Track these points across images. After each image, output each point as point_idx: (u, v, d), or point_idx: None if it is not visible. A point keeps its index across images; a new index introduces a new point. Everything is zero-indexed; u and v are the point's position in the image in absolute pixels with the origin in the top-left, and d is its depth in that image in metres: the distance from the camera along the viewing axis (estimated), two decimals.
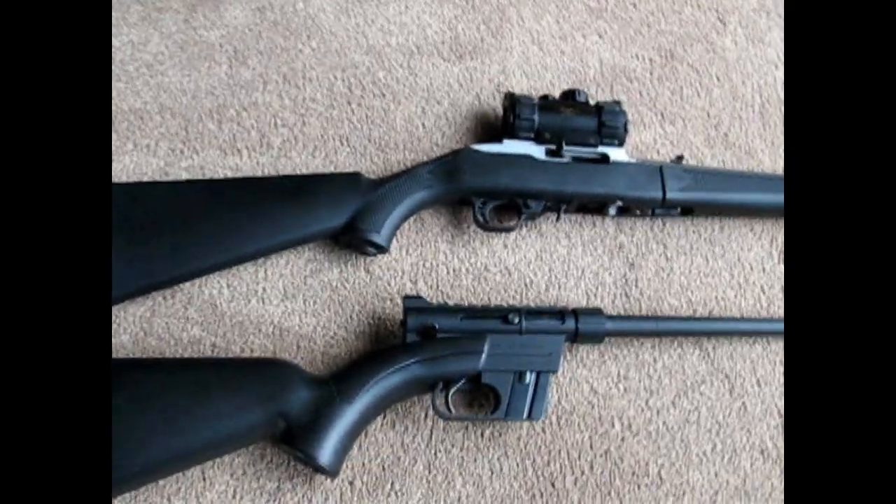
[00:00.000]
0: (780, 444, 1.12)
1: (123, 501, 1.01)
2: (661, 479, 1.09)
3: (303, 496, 1.03)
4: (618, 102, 1.20)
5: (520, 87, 1.32)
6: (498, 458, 1.07)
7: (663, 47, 1.39)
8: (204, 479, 1.03)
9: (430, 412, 1.08)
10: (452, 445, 1.08)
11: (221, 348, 1.11)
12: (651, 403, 1.13)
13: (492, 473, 1.07)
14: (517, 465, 1.07)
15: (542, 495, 1.06)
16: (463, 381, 1.05)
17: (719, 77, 1.38)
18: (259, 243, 1.10)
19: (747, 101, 1.37)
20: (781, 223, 1.28)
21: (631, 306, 1.19)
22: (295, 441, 0.96)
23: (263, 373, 1.01)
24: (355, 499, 1.04)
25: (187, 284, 1.13)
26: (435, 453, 1.07)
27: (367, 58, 1.31)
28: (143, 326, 1.11)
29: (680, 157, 1.23)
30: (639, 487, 1.08)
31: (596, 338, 1.09)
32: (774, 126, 1.35)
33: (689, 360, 1.16)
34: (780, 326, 1.16)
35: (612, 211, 1.20)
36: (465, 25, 1.37)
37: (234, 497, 1.02)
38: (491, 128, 1.28)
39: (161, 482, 1.02)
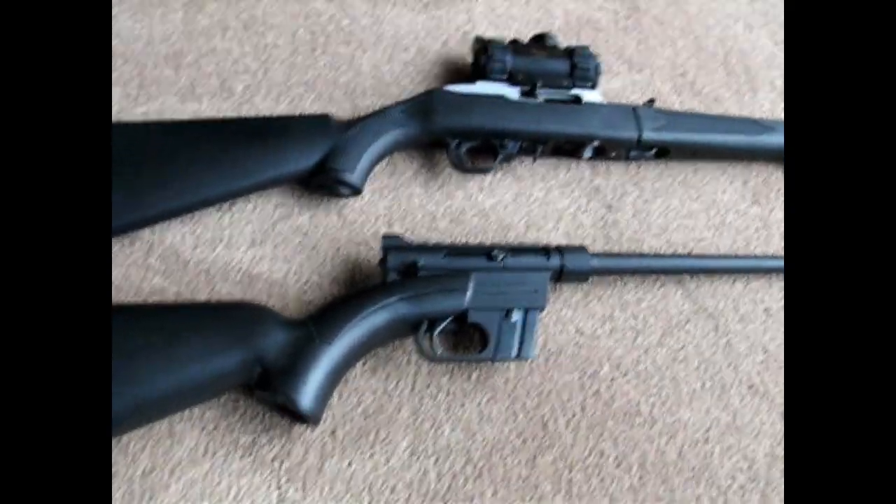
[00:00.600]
0: (767, 379, 1.09)
1: None
2: (653, 417, 1.04)
3: (281, 449, 0.95)
4: (587, 47, 1.18)
5: (487, 35, 1.26)
6: (486, 402, 1.01)
7: None
8: (171, 436, 0.93)
9: (414, 358, 1.01)
10: (438, 391, 1.01)
11: (186, 297, 1.02)
12: (638, 343, 1.08)
13: (481, 418, 1.00)
14: (506, 408, 1.01)
15: (534, 438, 1.00)
16: (448, 321, 0.99)
17: (682, 29, 1.37)
18: (223, 186, 1.03)
19: (711, 51, 1.36)
20: (752, 166, 1.26)
21: (611, 247, 1.15)
22: (273, 385, 0.88)
23: (236, 315, 0.93)
24: (338, 449, 0.96)
25: (146, 232, 1.04)
26: (420, 399, 1.00)
27: (329, 5, 1.25)
28: None
29: (652, 101, 1.20)
30: (632, 427, 1.03)
31: (581, 275, 1.05)
32: (738, 75, 1.34)
33: (673, 299, 1.12)
34: (760, 264, 1.14)
35: (588, 153, 1.17)
36: None
37: (205, 453, 0.93)
38: (460, 74, 1.23)
39: (125, 439, 0.92)
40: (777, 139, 1.21)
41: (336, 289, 1.05)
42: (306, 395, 0.88)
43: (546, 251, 1.03)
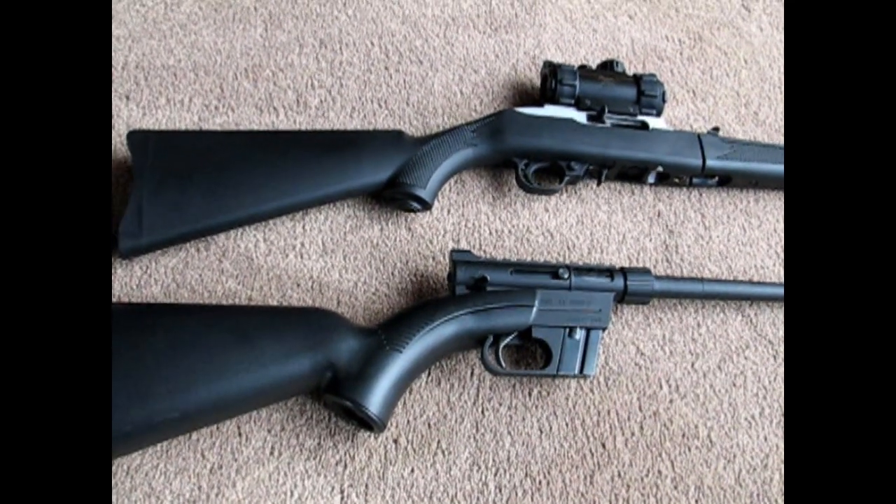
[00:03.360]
0: None
1: (155, 453, 0.92)
2: (710, 441, 1.03)
3: (345, 453, 0.95)
4: (654, 75, 1.18)
5: (555, 60, 1.28)
6: (547, 418, 1.01)
7: (691, 30, 1.37)
8: (240, 435, 0.94)
9: (477, 370, 1.02)
10: (500, 404, 1.01)
11: (258, 301, 1.03)
12: (697, 366, 1.08)
13: (541, 433, 1.00)
14: (566, 424, 1.01)
15: (592, 455, 1.00)
16: (513, 336, 0.99)
17: (746, 60, 1.37)
18: (298, 196, 1.04)
19: (774, 83, 1.35)
20: None
21: (672, 271, 1.14)
22: (343, 390, 0.89)
23: (310, 320, 0.93)
24: (400, 457, 0.96)
25: (221, 237, 1.06)
26: (482, 412, 1.00)
27: (403, 27, 1.26)
28: (175, 278, 1.03)
29: (716, 129, 1.19)
30: (689, 450, 1.02)
31: (643, 297, 1.04)
32: None
33: (732, 325, 1.11)
34: None
35: (652, 178, 1.17)
36: (499, 0, 1.34)
37: (271, 453, 0.94)
38: (528, 97, 1.23)
39: (194, 436, 0.93)
40: None
41: (403, 300, 1.06)
42: (375, 401, 0.89)
43: (610, 272, 1.03)
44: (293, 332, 0.91)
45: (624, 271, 1.03)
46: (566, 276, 1.00)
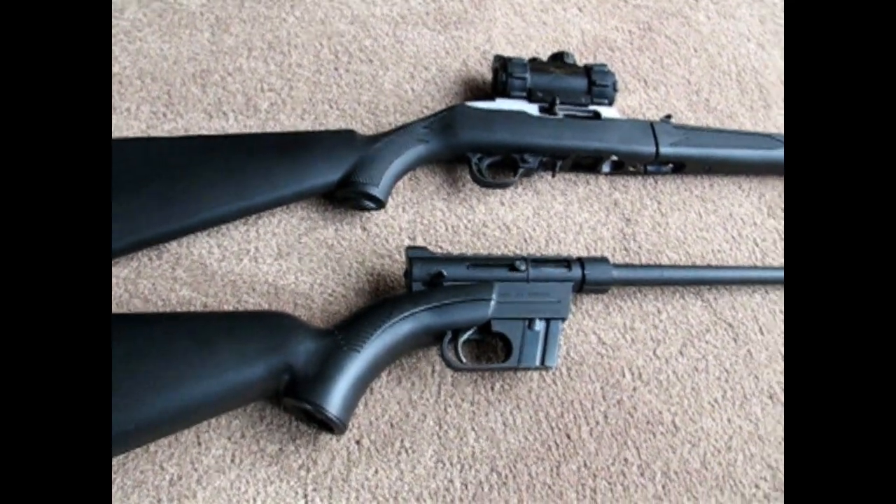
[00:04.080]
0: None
1: (113, 468, 0.89)
2: (675, 426, 1.02)
3: (307, 457, 0.93)
4: (604, 65, 1.17)
5: (506, 54, 1.26)
6: (510, 411, 0.99)
7: (641, 20, 1.37)
8: (199, 444, 0.92)
9: (438, 367, 1.00)
10: (462, 400, 0.99)
11: (214, 308, 1.01)
12: (659, 353, 1.07)
13: (505, 427, 0.99)
14: (530, 417, 1.00)
15: (557, 447, 0.98)
16: (472, 331, 0.97)
17: (696, 48, 1.36)
18: (250, 200, 1.01)
19: (724, 69, 1.35)
20: (768, 180, 1.25)
21: (631, 259, 1.13)
22: (301, 392, 0.87)
23: (266, 324, 0.91)
24: (363, 458, 0.94)
25: (174, 244, 1.03)
26: (445, 408, 0.98)
27: (351, 27, 1.24)
28: (127, 287, 1.00)
29: (668, 117, 1.19)
30: (654, 436, 1.01)
31: (602, 286, 1.03)
32: (751, 92, 1.34)
33: (693, 310, 1.11)
34: (780, 275, 1.12)
35: (606, 168, 1.16)
36: None
37: (232, 461, 0.91)
38: (480, 92, 1.22)
39: (153, 447, 0.90)
40: None
41: (361, 300, 1.04)
42: (334, 402, 0.87)
43: (568, 262, 1.02)
44: (248, 337, 0.89)
45: (581, 261, 1.02)
46: (523, 268, 0.99)
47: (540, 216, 1.14)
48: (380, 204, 1.06)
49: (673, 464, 1.00)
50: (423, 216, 1.11)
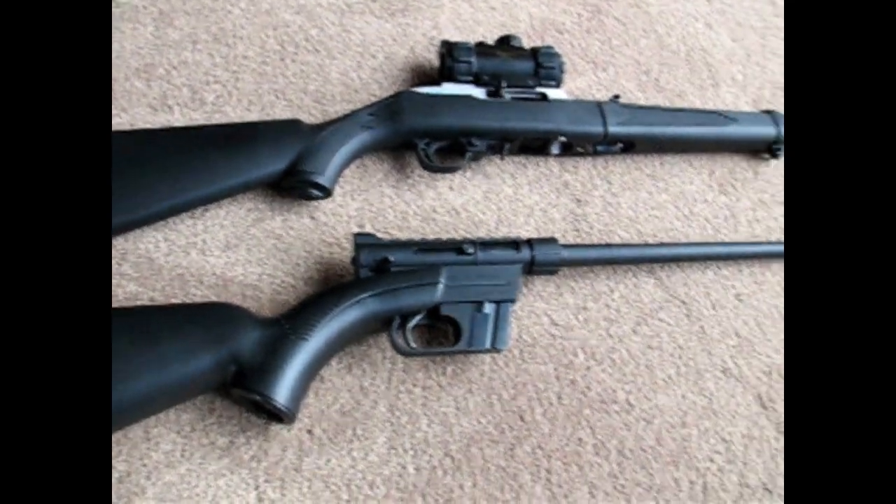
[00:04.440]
0: (741, 362, 1.08)
1: None
2: (629, 404, 1.02)
3: (258, 448, 0.92)
4: (551, 47, 1.17)
5: (453, 39, 1.25)
6: (463, 395, 0.99)
7: (589, 2, 1.35)
8: (148, 439, 0.90)
9: (389, 354, 0.99)
10: (414, 385, 0.98)
11: (161, 302, 0.99)
12: (612, 332, 1.06)
13: (458, 411, 0.98)
14: (483, 400, 0.99)
15: (511, 429, 0.98)
16: (421, 315, 0.96)
17: (645, 29, 1.36)
18: (196, 192, 1.00)
19: (673, 49, 1.35)
20: (718, 157, 1.25)
21: (582, 240, 1.13)
22: (248, 383, 0.86)
23: (211, 315, 0.90)
24: (315, 447, 0.93)
25: (120, 239, 1.01)
26: (397, 395, 0.97)
27: (298, 17, 1.23)
28: None
29: (616, 97, 1.19)
30: (609, 414, 1.01)
31: (552, 267, 1.03)
32: (700, 71, 1.33)
33: (645, 288, 1.11)
34: (730, 250, 1.13)
35: (555, 149, 1.15)
36: None
37: (182, 455, 0.90)
38: (427, 78, 1.20)
39: None
40: (739, 130, 1.21)
41: (310, 289, 1.02)
42: (282, 392, 0.86)
43: (516, 244, 1.01)
44: (193, 329, 0.87)
45: (530, 242, 1.02)
46: (471, 251, 0.98)
47: (490, 199, 1.13)
48: (326, 192, 1.05)
49: (628, 441, 1.00)
50: (372, 203, 1.10)
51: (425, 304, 0.96)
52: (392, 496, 0.92)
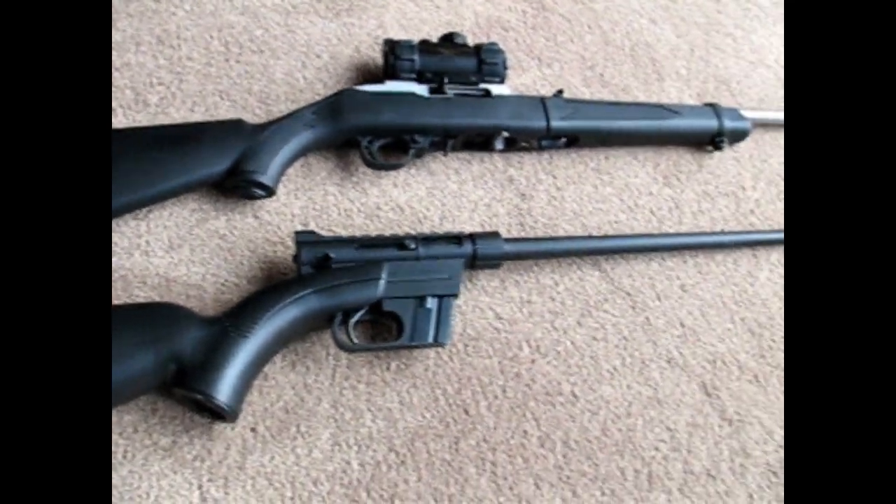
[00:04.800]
0: (685, 352, 1.08)
1: None
2: (574, 396, 1.02)
3: (202, 448, 0.91)
4: (495, 44, 1.17)
5: (398, 38, 1.25)
6: (407, 390, 0.99)
7: (533, 0, 1.37)
8: None
9: (333, 351, 0.99)
10: (358, 381, 0.98)
11: None
12: (557, 325, 1.07)
13: (402, 406, 0.98)
14: (427, 395, 0.99)
15: (456, 423, 0.98)
16: (363, 311, 0.97)
17: (590, 25, 1.37)
18: (137, 193, 0.99)
19: (618, 45, 1.36)
20: (663, 150, 1.26)
21: (526, 234, 1.13)
22: (189, 381, 0.85)
23: (150, 315, 0.89)
24: (259, 445, 0.93)
25: None
26: (341, 391, 0.97)
27: (242, 18, 1.22)
28: None
29: (560, 92, 1.19)
30: (554, 406, 1.01)
31: (495, 261, 1.03)
32: (645, 66, 1.34)
33: (590, 281, 1.11)
34: (674, 241, 1.14)
35: (499, 144, 1.15)
36: None
37: (124, 457, 0.89)
38: (372, 77, 1.20)
39: None
40: (682, 123, 1.22)
41: (254, 288, 1.01)
42: (223, 390, 0.85)
43: (458, 239, 1.01)
44: (132, 329, 0.87)
45: (473, 237, 1.02)
46: (413, 246, 0.98)
47: (434, 196, 1.13)
48: (269, 191, 1.05)
49: (573, 433, 1.00)
50: (316, 202, 1.09)
51: (367, 299, 0.96)
52: (336, 492, 0.92)
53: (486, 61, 1.15)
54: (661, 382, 1.05)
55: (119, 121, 1.11)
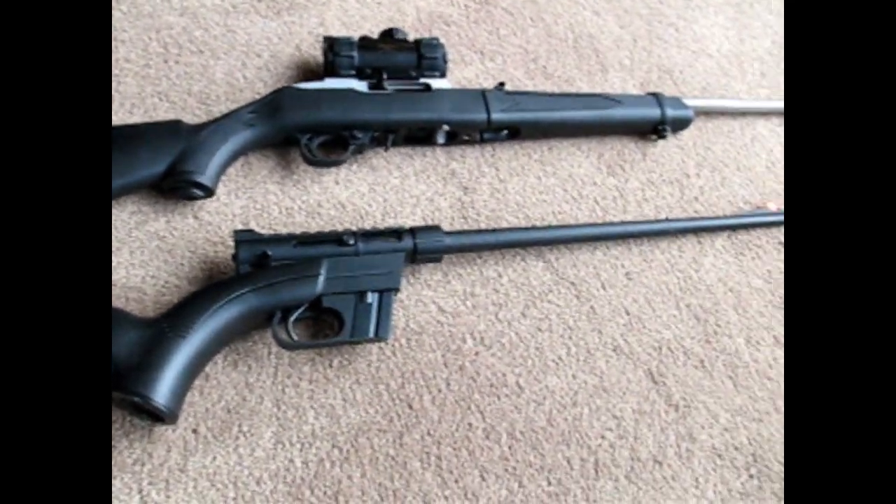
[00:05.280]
0: (631, 339, 1.08)
1: None
2: (519, 387, 1.02)
3: (142, 451, 0.90)
4: (435, 38, 1.17)
5: (339, 35, 1.24)
6: (350, 387, 0.98)
7: None
8: None
9: (275, 349, 0.98)
10: (301, 379, 0.97)
11: None
12: (501, 316, 1.06)
13: (345, 402, 0.97)
14: (371, 391, 0.98)
15: (399, 417, 0.97)
16: (303, 308, 0.96)
17: (532, 18, 1.37)
18: None
19: (561, 37, 1.36)
20: (607, 140, 1.26)
21: (469, 227, 1.12)
22: (126, 384, 0.83)
23: None
24: (200, 446, 0.91)
25: None
26: (283, 389, 0.96)
27: (181, 18, 1.21)
28: None
29: (502, 84, 1.19)
30: (499, 398, 1.01)
31: (436, 254, 1.03)
32: (588, 57, 1.34)
33: (534, 271, 1.11)
34: (618, 230, 1.13)
35: (441, 138, 1.15)
36: None
37: None
38: (313, 75, 1.19)
39: None
40: (624, 112, 1.22)
41: (195, 289, 1.01)
42: (161, 392, 0.84)
43: (398, 233, 1.01)
44: None
45: (413, 231, 1.02)
46: (352, 242, 0.98)
47: (376, 191, 1.13)
48: (208, 192, 1.04)
49: (518, 424, 1.00)
50: (257, 201, 1.09)
51: (306, 296, 0.95)
52: (279, 491, 0.91)
53: (425, 56, 1.14)
54: (607, 371, 1.05)
55: None
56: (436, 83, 1.15)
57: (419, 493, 0.93)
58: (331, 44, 1.13)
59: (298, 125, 1.08)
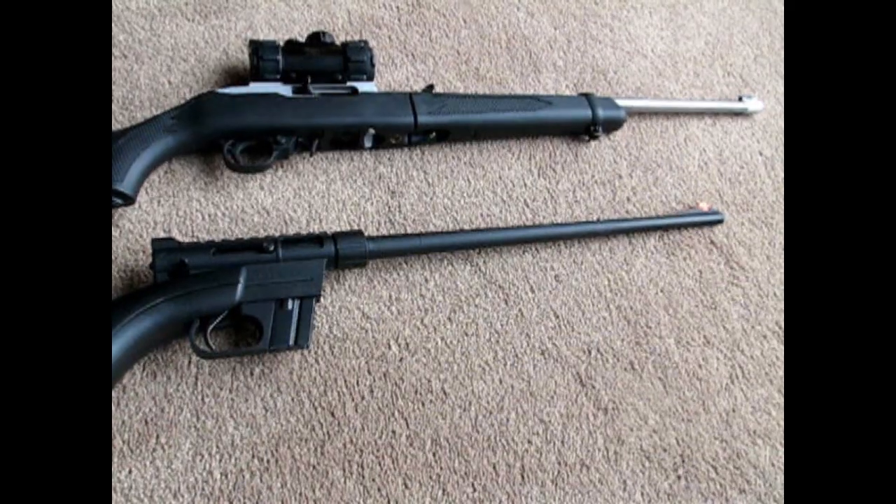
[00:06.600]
0: (559, 343, 1.07)
1: None
2: (445, 393, 1.01)
3: None
4: (363, 41, 1.15)
5: (268, 39, 1.22)
6: (271, 395, 0.96)
7: None
8: None
9: (195, 359, 0.96)
10: (221, 388, 0.96)
11: None
12: (426, 322, 1.05)
13: (266, 411, 0.95)
14: (292, 399, 0.96)
15: (321, 426, 0.96)
16: (221, 317, 0.94)
17: (465, 19, 1.35)
18: None
19: (494, 38, 1.35)
20: (538, 141, 1.25)
21: (396, 231, 1.11)
22: None
23: None
24: (116, 460, 0.89)
25: None
26: (202, 399, 0.95)
27: None
28: None
29: (430, 87, 1.18)
30: (423, 405, 0.99)
31: (359, 259, 1.01)
32: (522, 58, 1.33)
33: (461, 276, 1.10)
34: (546, 232, 1.12)
35: (368, 142, 1.13)
36: None
37: None
38: (240, 79, 1.17)
39: None
40: (555, 113, 1.21)
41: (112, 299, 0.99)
42: None
43: (320, 239, 0.99)
44: None
45: (335, 236, 1.00)
46: (272, 248, 0.96)
47: (301, 197, 1.11)
48: (128, 199, 1.01)
49: (443, 430, 0.98)
50: (180, 208, 1.07)
51: (224, 305, 0.93)
52: (197, 503, 0.89)
53: (351, 59, 1.13)
54: (535, 375, 1.04)
55: None
56: (362, 87, 1.13)
57: (341, 501, 0.92)
58: (256, 48, 1.11)
59: (221, 131, 1.06)
